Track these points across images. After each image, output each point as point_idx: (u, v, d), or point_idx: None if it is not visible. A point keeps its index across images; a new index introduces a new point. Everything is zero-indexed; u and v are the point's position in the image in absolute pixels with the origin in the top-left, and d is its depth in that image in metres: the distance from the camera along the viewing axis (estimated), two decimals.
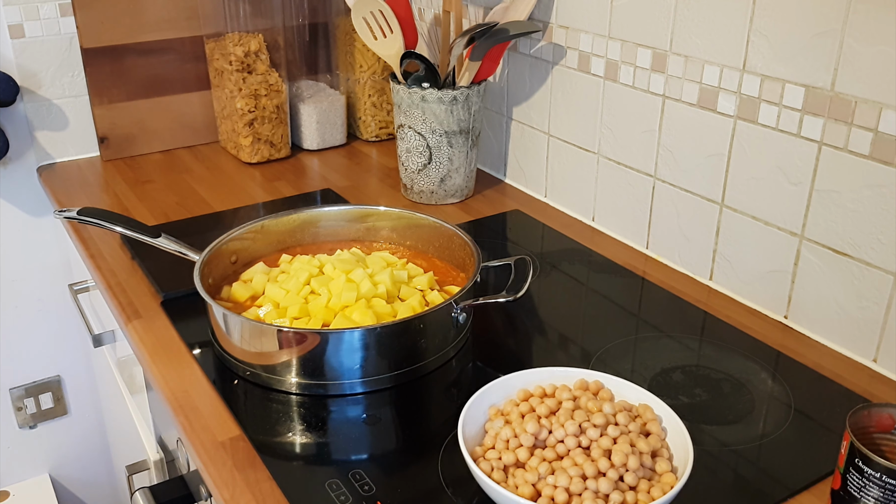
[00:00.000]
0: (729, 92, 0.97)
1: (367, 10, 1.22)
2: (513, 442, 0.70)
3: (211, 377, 0.88)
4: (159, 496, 0.91)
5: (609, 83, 1.14)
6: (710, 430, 0.80)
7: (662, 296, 1.04)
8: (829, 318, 0.93)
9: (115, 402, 1.53)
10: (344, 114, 1.56)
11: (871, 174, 0.84)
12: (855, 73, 0.84)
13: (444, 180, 1.28)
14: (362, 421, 0.83)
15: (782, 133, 0.92)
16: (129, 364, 1.24)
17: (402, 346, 0.86)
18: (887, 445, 0.67)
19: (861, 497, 0.64)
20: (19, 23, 1.39)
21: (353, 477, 0.73)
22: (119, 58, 1.44)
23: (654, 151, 1.09)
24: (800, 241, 0.94)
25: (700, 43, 0.99)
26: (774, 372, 0.89)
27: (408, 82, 1.24)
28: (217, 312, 0.87)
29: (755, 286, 1.00)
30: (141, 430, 1.29)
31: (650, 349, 0.93)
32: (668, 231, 1.11)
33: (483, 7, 1.30)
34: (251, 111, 1.43)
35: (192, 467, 0.95)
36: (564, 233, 1.21)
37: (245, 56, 1.41)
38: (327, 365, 0.84)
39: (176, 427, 0.84)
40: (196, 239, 0.99)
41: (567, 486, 0.65)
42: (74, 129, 1.49)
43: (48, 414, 1.70)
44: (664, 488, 0.66)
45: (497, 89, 1.37)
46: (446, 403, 0.86)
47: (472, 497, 0.71)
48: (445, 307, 0.87)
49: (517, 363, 0.89)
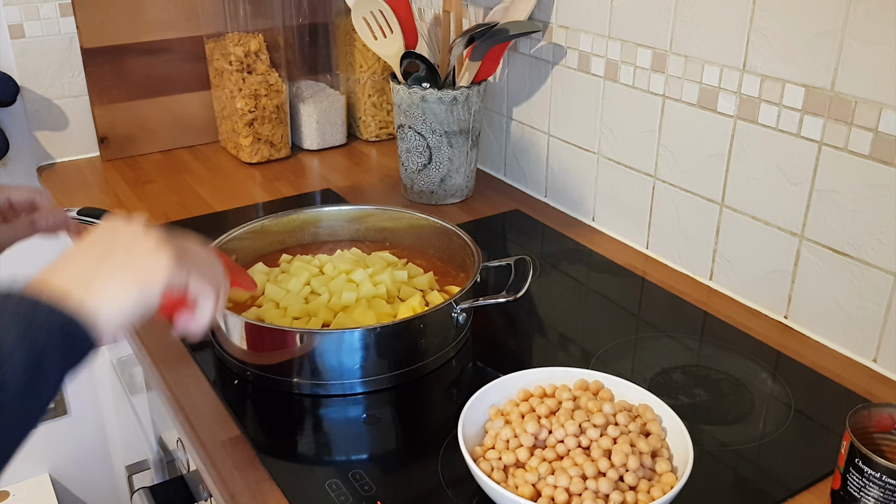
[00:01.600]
0: (729, 92, 0.97)
1: (367, 10, 1.22)
2: (513, 442, 0.70)
3: (211, 377, 0.88)
4: (159, 496, 0.91)
5: (609, 83, 1.14)
6: (710, 430, 0.80)
7: (662, 296, 1.04)
8: (829, 318, 0.93)
9: (115, 402, 1.53)
10: (344, 114, 1.56)
11: (871, 174, 0.84)
12: (855, 73, 0.84)
13: (444, 180, 1.28)
14: (362, 421, 0.83)
15: (782, 133, 0.92)
16: (129, 364, 1.24)
17: (402, 346, 0.86)
18: (887, 445, 0.67)
19: (861, 497, 0.64)
20: (19, 23, 1.39)
21: (353, 477, 0.73)
22: (119, 58, 1.44)
23: (654, 151, 1.09)
24: (800, 241, 0.94)
25: (700, 43, 0.99)
26: (774, 372, 0.89)
27: (408, 82, 1.24)
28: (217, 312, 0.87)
29: (755, 286, 1.00)
30: (141, 430, 1.29)
31: (650, 349, 0.93)
32: (668, 231, 1.11)
33: (483, 7, 1.30)
34: (251, 111, 1.43)
35: (192, 467, 0.95)
36: (564, 233, 1.21)
37: (245, 56, 1.41)
38: (327, 365, 0.84)
39: (176, 427, 0.84)
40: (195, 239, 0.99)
41: (567, 486, 0.65)
42: (74, 129, 1.49)
43: (48, 414, 1.70)
44: (664, 488, 0.66)
45: (497, 89, 1.37)
46: (446, 403, 0.86)
47: (472, 497, 0.71)
48: (445, 307, 0.87)
49: (517, 363, 0.89)
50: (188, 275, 0.56)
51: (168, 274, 0.54)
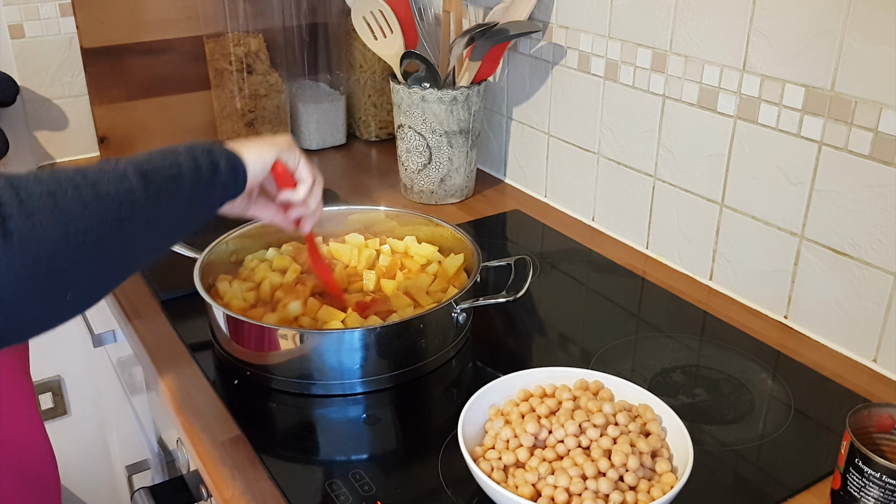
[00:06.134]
0: (729, 92, 0.97)
1: (367, 10, 1.22)
2: (513, 442, 0.70)
3: (211, 377, 0.88)
4: (159, 496, 0.91)
5: (609, 83, 1.14)
6: (710, 430, 0.80)
7: (662, 296, 1.04)
8: (829, 318, 0.93)
9: (115, 402, 1.53)
10: (344, 114, 1.56)
11: (871, 174, 0.84)
12: (855, 73, 0.84)
13: (444, 180, 1.28)
14: (362, 421, 0.83)
15: (782, 133, 0.92)
16: (129, 364, 1.24)
17: (402, 346, 0.86)
18: (887, 445, 0.67)
19: (861, 497, 0.64)
20: (19, 23, 1.39)
21: (353, 477, 0.73)
22: (119, 58, 1.44)
23: (654, 151, 1.09)
24: (800, 241, 0.94)
25: (700, 43, 0.99)
26: (774, 372, 0.89)
27: (408, 82, 1.24)
28: (217, 312, 0.87)
29: (755, 286, 1.00)
30: (141, 430, 1.29)
31: (650, 349, 0.93)
32: (668, 231, 1.11)
33: (483, 7, 1.30)
34: (251, 111, 1.43)
35: (192, 467, 0.95)
36: (564, 233, 1.21)
37: (245, 56, 1.41)
38: (327, 365, 0.84)
39: (176, 427, 0.84)
40: (196, 239, 0.99)
41: (567, 486, 0.65)
42: (74, 129, 1.49)
43: (48, 414, 1.70)
44: (664, 488, 0.66)
45: (497, 89, 1.37)
46: (446, 403, 0.86)
47: (472, 497, 0.71)
48: (445, 307, 0.87)
49: (517, 363, 0.89)
50: (298, 159, 0.78)
51: (286, 147, 0.77)
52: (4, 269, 0.48)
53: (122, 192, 0.57)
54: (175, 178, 0.63)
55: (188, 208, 0.65)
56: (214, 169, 0.67)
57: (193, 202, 0.65)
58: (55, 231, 0.51)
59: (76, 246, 0.52)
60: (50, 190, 0.52)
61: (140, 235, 0.59)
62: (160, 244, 0.64)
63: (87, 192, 0.54)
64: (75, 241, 0.52)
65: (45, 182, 0.52)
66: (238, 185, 0.71)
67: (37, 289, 0.51)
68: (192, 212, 0.66)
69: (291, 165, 0.78)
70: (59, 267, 0.51)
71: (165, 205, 0.62)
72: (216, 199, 0.69)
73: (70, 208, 0.53)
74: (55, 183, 0.53)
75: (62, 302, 0.53)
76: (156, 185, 0.60)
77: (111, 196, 0.56)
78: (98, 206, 0.55)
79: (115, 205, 0.56)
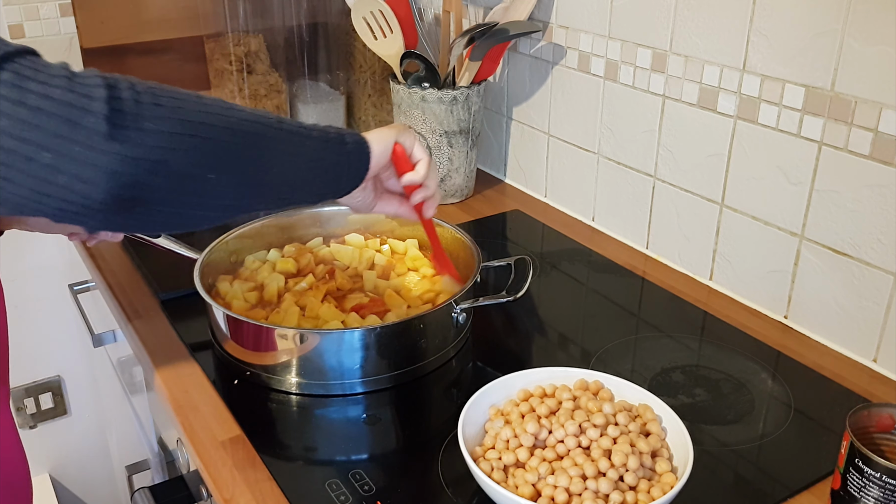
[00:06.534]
0: (729, 92, 0.97)
1: (367, 10, 1.22)
2: (513, 442, 0.70)
3: (211, 377, 0.88)
4: (159, 496, 0.91)
5: (609, 83, 1.14)
6: (710, 430, 0.80)
7: (662, 296, 1.04)
8: (829, 318, 0.93)
9: (115, 402, 1.53)
10: (344, 114, 1.56)
11: (871, 174, 0.84)
12: (855, 73, 0.84)
13: (444, 180, 1.28)
14: (362, 421, 0.83)
15: (782, 133, 0.92)
16: (129, 364, 1.24)
17: (402, 346, 0.86)
18: (887, 445, 0.67)
19: (861, 497, 0.64)
20: (19, 23, 1.39)
21: (353, 477, 0.73)
22: (119, 58, 1.44)
23: (654, 151, 1.09)
24: (800, 241, 0.94)
25: (700, 43, 0.99)
26: (774, 372, 0.89)
27: (408, 82, 1.24)
28: (217, 313, 0.87)
29: (755, 286, 1.00)
30: (141, 430, 1.29)
31: (650, 349, 0.93)
32: (668, 231, 1.11)
33: (483, 7, 1.30)
34: None
35: (192, 467, 0.95)
36: (564, 233, 1.21)
37: (245, 56, 1.41)
38: (327, 365, 0.84)
39: (176, 427, 0.84)
40: (196, 239, 0.99)
41: (567, 486, 0.65)
42: None
43: (48, 414, 1.70)
44: (664, 488, 0.66)
45: (497, 89, 1.37)
46: (446, 403, 0.86)
47: (472, 497, 0.71)
48: (445, 307, 0.87)
49: (517, 363, 0.89)
50: (414, 142, 0.80)
51: (402, 132, 0.79)
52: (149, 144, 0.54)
53: (259, 115, 0.62)
54: (304, 134, 0.67)
55: (317, 165, 0.68)
56: (341, 140, 0.70)
57: (322, 163, 0.68)
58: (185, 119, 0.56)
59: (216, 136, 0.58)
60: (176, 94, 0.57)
61: (275, 160, 0.63)
62: (291, 184, 0.66)
63: (219, 105, 0.60)
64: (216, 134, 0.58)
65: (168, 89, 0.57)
66: (363, 163, 0.73)
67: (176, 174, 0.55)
68: (319, 172, 0.69)
69: (408, 147, 0.79)
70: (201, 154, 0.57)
71: (296, 147, 0.65)
72: (342, 171, 0.71)
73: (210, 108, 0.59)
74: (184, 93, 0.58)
75: (202, 188, 0.58)
76: (288, 126, 0.65)
77: (245, 113, 0.61)
78: (234, 115, 0.60)
79: (250, 121, 0.61)
